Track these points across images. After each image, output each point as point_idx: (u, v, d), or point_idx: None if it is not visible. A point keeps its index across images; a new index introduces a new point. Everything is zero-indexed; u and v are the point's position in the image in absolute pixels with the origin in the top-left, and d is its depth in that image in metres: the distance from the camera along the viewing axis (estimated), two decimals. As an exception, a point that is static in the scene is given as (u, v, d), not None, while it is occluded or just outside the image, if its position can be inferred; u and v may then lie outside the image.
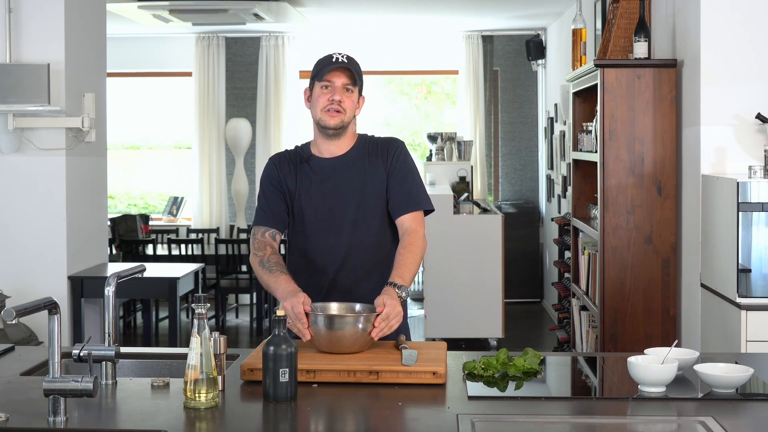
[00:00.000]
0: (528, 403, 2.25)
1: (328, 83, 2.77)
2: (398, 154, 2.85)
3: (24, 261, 5.42)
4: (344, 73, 2.77)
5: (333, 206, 2.81)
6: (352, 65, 2.77)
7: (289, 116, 9.40)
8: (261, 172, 3.25)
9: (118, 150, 10.19)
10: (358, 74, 2.80)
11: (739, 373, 2.35)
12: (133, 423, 2.12)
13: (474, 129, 9.31)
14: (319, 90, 2.79)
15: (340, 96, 2.77)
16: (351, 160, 2.84)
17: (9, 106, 5.23)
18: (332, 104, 2.77)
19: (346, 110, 2.78)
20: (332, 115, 2.78)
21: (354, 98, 2.80)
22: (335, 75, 2.77)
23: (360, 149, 2.86)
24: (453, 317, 6.92)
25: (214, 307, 8.03)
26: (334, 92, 2.77)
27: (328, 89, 2.77)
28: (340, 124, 2.79)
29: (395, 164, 2.83)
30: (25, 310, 2.04)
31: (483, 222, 7.04)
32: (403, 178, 2.83)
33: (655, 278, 4.45)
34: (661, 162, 4.45)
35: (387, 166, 2.83)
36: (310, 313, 2.51)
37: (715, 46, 4.11)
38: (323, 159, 2.86)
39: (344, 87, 2.77)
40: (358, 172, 2.83)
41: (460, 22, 8.98)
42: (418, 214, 2.83)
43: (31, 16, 5.36)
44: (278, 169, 2.87)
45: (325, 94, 2.78)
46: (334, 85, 2.77)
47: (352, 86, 2.78)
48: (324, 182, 2.83)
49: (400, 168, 2.84)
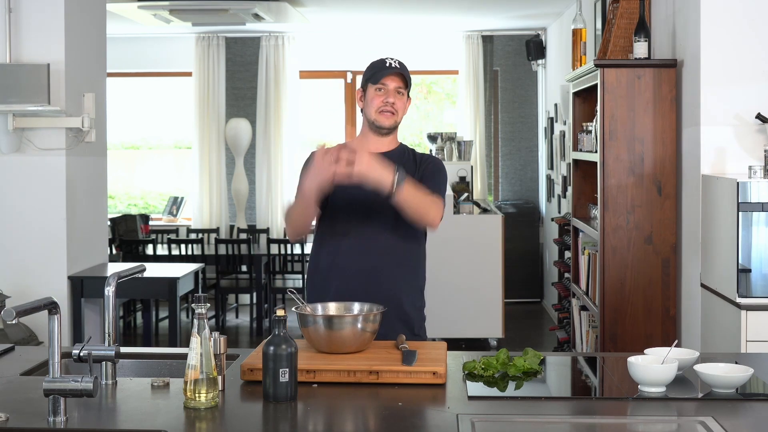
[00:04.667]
0: (528, 403, 2.25)
1: (382, 86, 2.94)
2: (436, 162, 3.03)
3: (24, 261, 5.42)
4: (397, 77, 2.94)
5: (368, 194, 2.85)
6: (403, 70, 2.95)
7: (289, 116, 9.40)
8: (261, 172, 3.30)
9: (118, 150, 10.19)
10: (409, 78, 2.97)
11: (739, 373, 2.35)
12: (133, 423, 2.12)
13: (474, 129, 9.31)
14: (374, 92, 2.96)
15: (394, 98, 2.95)
16: (393, 157, 2.94)
17: (9, 106, 5.22)
18: (386, 106, 2.94)
19: (398, 111, 2.97)
20: (387, 116, 2.95)
21: (404, 100, 2.99)
22: (389, 79, 2.94)
23: (402, 152, 3.02)
24: (453, 317, 6.91)
25: (214, 307, 8.03)
26: (388, 95, 2.94)
27: (382, 92, 2.95)
28: (394, 124, 2.98)
29: (429, 166, 2.99)
30: (25, 310, 2.04)
31: (483, 222, 7.04)
32: (434, 175, 2.97)
33: (655, 278, 4.45)
34: (661, 162, 4.45)
35: (420, 169, 2.97)
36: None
37: (715, 46, 4.10)
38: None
39: (396, 90, 2.95)
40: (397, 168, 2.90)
41: (460, 22, 8.98)
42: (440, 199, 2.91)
43: (31, 16, 5.36)
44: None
45: (379, 96, 2.95)
46: (387, 88, 2.94)
47: (404, 89, 2.96)
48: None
49: (433, 170, 2.99)
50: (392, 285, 2.92)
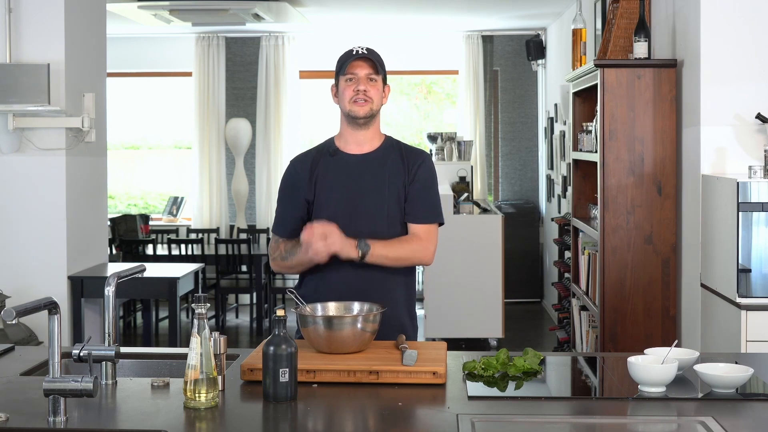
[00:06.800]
0: (528, 403, 2.25)
1: (351, 75, 2.85)
2: (426, 164, 2.92)
3: (24, 261, 5.42)
4: (366, 63, 2.85)
5: (353, 202, 2.84)
6: (372, 55, 2.86)
7: (289, 116, 9.40)
8: (261, 172, 3.31)
9: (118, 150, 10.19)
10: (380, 63, 2.88)
11: (739, 373, 2.35)
12: (133, 423, 2.12)
13: (474, 129, 9.31)
14: (344, 83, 2.86)
15: (365, 86, 2.84)
16: (377, 159, 2.89)
17: (9, 106, 5.22)
18: (358, 94, 2.84)
19: (373, 99, 2.85)
20: (360, 104, 2.84)
21: (378, 87, 2.87)
22: (357, 66, 2.85)
23: (387, 150, 2.92)
24: (453, 317, 6.91)
25: (214, 307, 8.03)
26: (359, 83, 2.84)
27: (353, 81, 2.85)
28: (369, 112, 2.85)
29: (421, 173, 2.90)
30: (25, 310, 2.04)
31: (483, 222, 7.04)
32: (427, 188, 2.90)
33: (655, 278, 4.45)
34: (661, 162, 4.45)
35: (411, 173, 2.88)
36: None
37: (715, 46, 4.10)
38: (350, 154, 2.91)
39: (368, 77, 2.85)
40: (382, 173, 2.88)
41: (460, 22, 8.98)
42: (432, 227, 2.89)
43: (31, 16, 5.36)
44: (296, 174, 2.93)
45: (350, 86, 2.85)
46: (357, 76, 2.84)
47: (375, 75, 2.86)
48: (348, 177, 2.88)
49: (425, 178, 2.90)
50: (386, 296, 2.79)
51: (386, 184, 2.86)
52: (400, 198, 2.87)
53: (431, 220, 2.89)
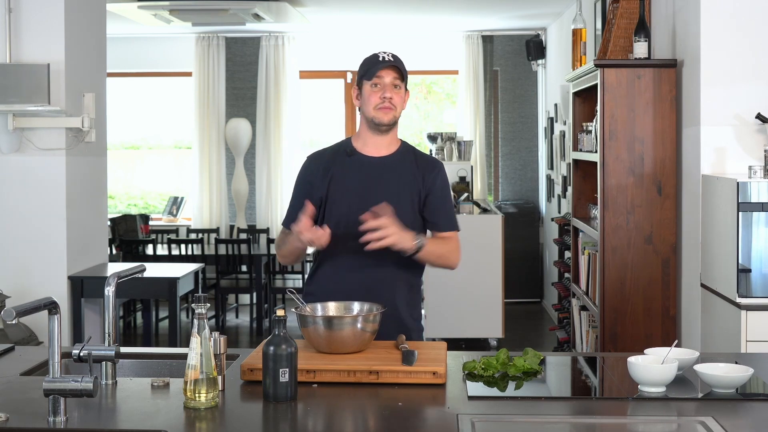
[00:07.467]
0: (528, 403, 2.25)
1: (377, 81, 2.87)
2: (441, 174, 3.00)
3: (24, 261, 5.42)
4: (392, 70, 2.87)
5: (367, 202, 2.84)
6: (397, 62, 2.88)
7: (289, 116, 9.40)
8: (261, 172, 3.33)
9: (118, 150, 10.19)
10: (404, 70, 2.90)
11: (739, 373, 2.35)
12: (133, 423, 2.12)
13: (474, 129, 9.31)
14: (370, 89, 2.88)
15: (391, 93, 2.87)
16: (394, 163, 2.93)
17: (9, 106, 5.22)
18: (384, 102, 2.87)
19: (396, 106, 2.89)
20: (385, 111, 2.88)
21: (402, 94, 2.91)
22: (384, 73, 2.87)
23: (403, 155, 2.96)
24: (453, 317, 6.91)
25: (214, 307, 8.03)
26: (385, 90, 2.86)
27: (378, 87, 2.87)
28: (393, 119, 2.90)
29: (439, 184, 2.97)
30: (25, 310, 2.04)
31: (483, 222, 7.04)
32: (446, 197, 3.00)
33: (655, 278, 4.45)
34: (661, 162, 4.45)
35: (428, 183, 2.94)
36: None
37: (715, 46, 4.10)
38: (366, 156, 2.94)
39: (393, 84, 2.87)
40: (398, 177, 2.92)
41: (460, 22, 8.98)
42: (455, 234, 3.03)
43: (31, 16, 5.36)
44: (311, 171, 2.96)
45: (375, 92, 2.87)
46: (383, 82, 2.87)
47: (400, 82, 2.89)
48: (363, 178, 2.91)
49: (443, 189, 2.99)
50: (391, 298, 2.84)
51: (400, 188, 2.90)
52: (413, 203, 2.91)
53: (453, 227, 3.01)
